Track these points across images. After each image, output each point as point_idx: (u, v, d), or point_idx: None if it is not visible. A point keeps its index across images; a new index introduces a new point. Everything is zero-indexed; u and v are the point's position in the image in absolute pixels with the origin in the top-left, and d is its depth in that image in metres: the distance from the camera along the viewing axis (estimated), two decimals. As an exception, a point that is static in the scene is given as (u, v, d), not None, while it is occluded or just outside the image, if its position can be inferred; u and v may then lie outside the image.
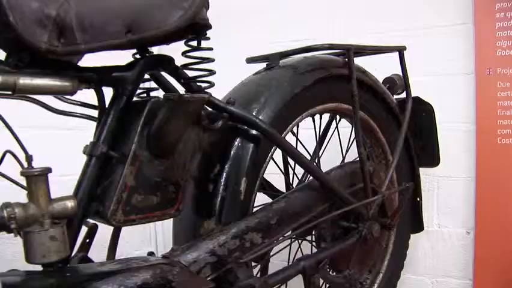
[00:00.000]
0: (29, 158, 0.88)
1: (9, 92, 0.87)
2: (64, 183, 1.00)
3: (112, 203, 0.91)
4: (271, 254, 1.27)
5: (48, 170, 0.87)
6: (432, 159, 1.66)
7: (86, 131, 1.07)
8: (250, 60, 1.36)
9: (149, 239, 2.35)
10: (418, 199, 1.65)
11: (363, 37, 1.81)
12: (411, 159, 1.61)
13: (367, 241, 1.30)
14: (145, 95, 1.15)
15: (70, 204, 0.89)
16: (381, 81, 1.55)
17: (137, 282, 0.85)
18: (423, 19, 1.89)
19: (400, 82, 1.57)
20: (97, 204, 0.95)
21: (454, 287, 1.92)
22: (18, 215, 0.82)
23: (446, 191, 1.91)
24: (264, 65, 1.34)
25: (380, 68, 1.56)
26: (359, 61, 1.38)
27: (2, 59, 0.89)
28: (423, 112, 1.62)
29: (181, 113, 0.93)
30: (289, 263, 1.25)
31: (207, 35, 1.04)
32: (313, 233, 1.33)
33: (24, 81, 0.86)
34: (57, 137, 1.80)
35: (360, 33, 1.93)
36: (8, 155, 0.87)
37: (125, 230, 1.07)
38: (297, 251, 1.44)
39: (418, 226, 1.70)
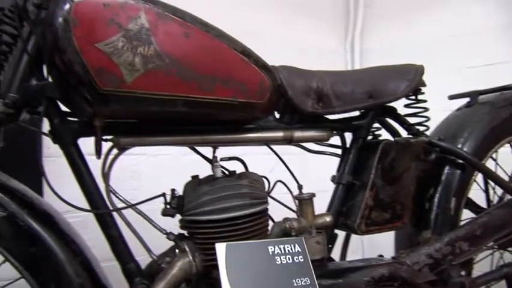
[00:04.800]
0: (300, 187, 1.26)
1: (287, 141, 1.26)
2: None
3: (357, 217, 1.25)
4: (474, 261, 1.51)
5: (313, 195, 1.24)
6: None
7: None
8: (452, 97, 1.61)
9: (355, 248, 2.68)
10: None
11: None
12: None
13: None
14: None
15: (328, 218, 1.24)
16: None
17: (378, 274, 1.19)
18: None
19: None
20: (344, 218, 1.30)
21: None
22: (295, 226, 1.20)
23: None
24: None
25: None
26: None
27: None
28: None
29: (407, 152, 1.25)
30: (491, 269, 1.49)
31: (422, 90, 1.34)
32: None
33: (298, 134, 1.24)
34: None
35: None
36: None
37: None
38: (499, 260, 1.65)
39: None
